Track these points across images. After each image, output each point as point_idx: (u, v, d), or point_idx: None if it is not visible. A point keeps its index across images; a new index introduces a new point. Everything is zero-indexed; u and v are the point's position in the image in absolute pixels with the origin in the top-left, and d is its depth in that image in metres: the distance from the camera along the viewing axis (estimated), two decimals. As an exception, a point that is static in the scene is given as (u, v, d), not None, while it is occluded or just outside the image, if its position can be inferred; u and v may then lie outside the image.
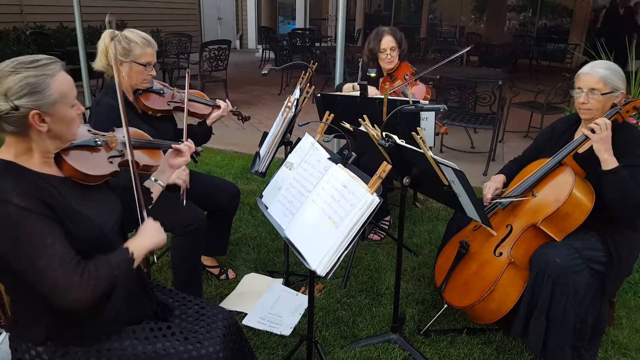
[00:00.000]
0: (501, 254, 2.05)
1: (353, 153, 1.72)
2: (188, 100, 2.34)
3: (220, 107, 2.49)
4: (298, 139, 1.96)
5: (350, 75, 6.45)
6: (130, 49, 2.13)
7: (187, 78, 2.29)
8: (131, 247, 1.34)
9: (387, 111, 2.55)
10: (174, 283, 2.31)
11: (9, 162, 1.25)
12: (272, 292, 2.56)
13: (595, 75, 1.99)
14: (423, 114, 2.61)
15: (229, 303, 2.47)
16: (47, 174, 1.31)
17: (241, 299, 2.52)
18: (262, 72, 2.71)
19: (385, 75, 3.16)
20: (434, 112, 2.65)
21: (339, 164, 1.67)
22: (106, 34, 2.16)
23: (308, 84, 2.49)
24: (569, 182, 1.96)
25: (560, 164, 2.05)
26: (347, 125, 2.10)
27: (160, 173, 1.71)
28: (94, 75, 6.87)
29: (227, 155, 4.86)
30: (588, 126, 1.95)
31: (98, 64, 2.20)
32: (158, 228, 1.47)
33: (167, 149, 1.75)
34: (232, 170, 4.42)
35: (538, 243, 2.03)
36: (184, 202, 2.01)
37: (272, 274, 2.77)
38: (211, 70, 6.53)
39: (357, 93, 2.76)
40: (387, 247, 3.09)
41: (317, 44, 10.60)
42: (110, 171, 1.45)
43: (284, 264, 2.70)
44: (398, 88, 2.95)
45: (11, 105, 1.19)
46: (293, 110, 2.36)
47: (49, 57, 1.28)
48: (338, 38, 3.59)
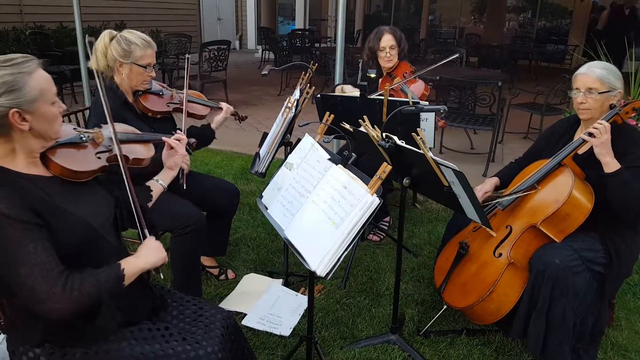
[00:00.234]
0: (501, 255, 2.05)
1: (353, 154, 1.72)
2: (187, 101, 2.35)
3: (222, 109, 2.50)
4: (298, 140, 1.96)
5: (350, 76, 6.45)
6: (130, 51, 2.12)
7: (187, 71, 2.30)
8: (124, 264, 1.32)
9: (387, 112, 2.55)
10: (173, 283, 2.31)
11: None
12: (272, 293, 2.56)
13: (592, 75, 2.00)
14: (423, 115, 2.61)
15: (229, 303, 2.47)
16: (33, 175, 1.30)
17: (241, 300, 2.52)
18: (262, 73, 2.71)
19: (384, 74, 3.16)
20: (434, 113, 2.65)
21: (339, 165, 1.68)
22: (105, 34, 2.15)
23: (308, 85, 2.49)
24: (569, 183, 1.96)
25: (559, 165, 2.05)
26: (347, 126, 2.10)
27: (162, 174, 1.72)
28: (94, 75, 6.87)
29: (227, 155, 4.86)
30: (587, 130, 1.96)
31: (95, 64, 2.17)
32: (156, 247, 1.44)
33: (158, 142, 1.74)
34: (232, 170, 4.41)
35: (538, 244, 2.03)
36: (184, 186, 2.01)
37: (272, 275, 2.77)
38: (211, 70, 6.54)
39: (357, 93, 2.76)
40: (387, 248, 3.09)
41: (317, 45, 10.60)
42: (98, 166, 1.44)
43: (284, 265, 2.69)
44: (397, 85, 2.95)
45: None
46: (293, 110, 2.36)
47: (25, 55, 1.26)
48: (338, 39, 3.59)
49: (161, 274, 1.46)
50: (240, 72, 9.95)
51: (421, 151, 1.74)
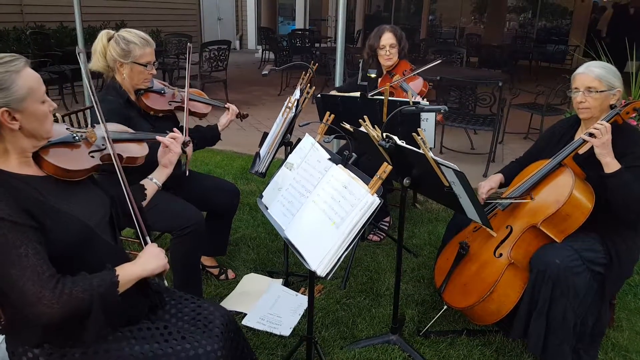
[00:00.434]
0: (501, 255, 2.05)
1: (353, 154, 1.71)
2: (189, 99, 2.35)
3: (224, 108, 2.51)
4: (298, 140, 1.96)
5: (350, 76, 6.45)
6: (129, 50, 2.12)
7: (188, 60, 2.31)
8: (119, 270, 1.30)
9: (388, 112, 2.55)
10: (173, 283, 2.31)
11: None
12: (272, 293, 2.56)
13: (590, 74, 2.01)
14: (423, 115, 2.61)
15: (229, 303, 2.47)
16: (26, 175, 1.29)
17: (241, 299, 2.52)
18: (263, 73, 2.71)
19: (384, 73, 3.16)
20: (434, 113, 2.65)
21: (339, 165, 1.67)
22: (103, 34, 2.15)
23: (308, 85, 2.49)
24: (569, 183, 1.96)
25: (560, 165, 2.05)
26: (348, 126, 2.10)
27: (156, 172, 1.71)
28: (94, 75, 6.88)
29: (227, 155, 4.86)
30: (587, 131, 1.95)
31: (95, 65, 2.18)
32: (156, 255, 1.41)
33: (153, 141, 1.74)
34: (232, 170, 4.41)
35: (538, 244, 2.02)
36: (187, 173, 2.02)
37: (272, 275, 2.77)
38: (211, 70, 6.54)
39: (357, 94, 2.76)
40: (387, 248, 3.09)
41: (317, 45, 10.60)
42: (91, 165, 1.44)
43: (284, 265, 2.69)
44: (396, 83, 2.95)
45: None
46: (293, 110, 2.36)
47: (12, 55, 1.26)
48: (338, 39, 3.59)
49: (165, 282, 1.43)
50: (240, 72, 9.95)
51: (422, 151, 1.74)
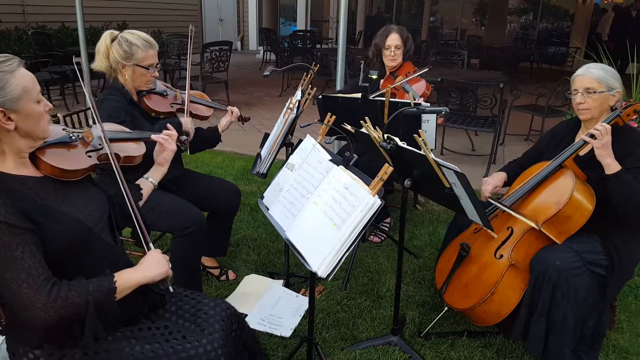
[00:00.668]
0: (502, 257, 2.05)
1: (354, 155, 1.71)
2: (190, 101, 2.36)
3: (227, 111, 2.52)
4: (299, 141, 1.96)
5: (351, 77, 6.46)
6: (132, 53, 2.13)
7: (189, 73, 2.33)
8: (117, 276, 1.29)
9: (389, 113, 2.55)
10: (174, 283, 2.31)
11: None
12: (273, 294, 2.56)
13: (589, 75, 2.01)
14: (424, 116, 2.61)
15: (229, 304, 2.47)
16: (23, 176, 1.29)
17: (241, 300, 2.52)
18: (264, 74, 2.72)
19: (387, 74, 3.16)
20: (435, 115, 2.65)
21: (341, 166, 1.67)
22: (107, 35, 2.16)
23: (309, 86, 2.49)
24: (570, 185, 1.96)
25: (561, 167, 2.05)
26: (349, 127, 2.10)
27: (152, 171, 1.72)
28: (97, 75, 6.90)
29: (228, 156, 4.86)
30: (588, 132, 1.96)
31: (98, 65, 2.20)
32: (157, 261, 1.39)
33: (147, 140, 1.74)
34: (233, 171, 4.42)
35: (539, 245, 2.02)
36: (188, 152, 2.10)
37: (273, 275, 2.77)
38: (212, 71, 6.54)
39: (358, 95, 2.76)
40: (388, 250, 3.09)
41: (318, 46, 10.61)
42: (89, 165, 1.44)
43: (285, 266, 2.69)
44: (399, 84, 2.95)
45: None
46: (295, 111, 2.36)
47: (5, 55, 1.26)
48: (339, 40, 3.59)
49: (170, 288, 1.41)
50: (241, 73, 9.96)
51: (423, 152, 1.74)
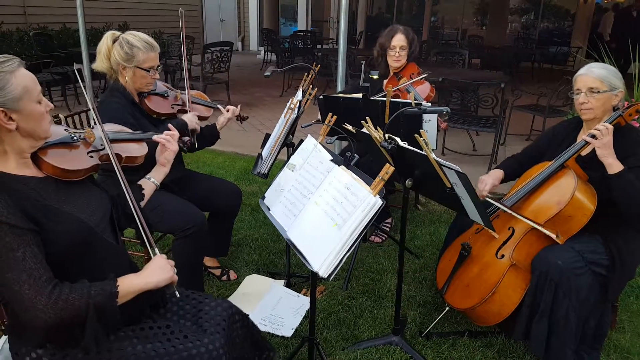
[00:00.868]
0: (503, 257, 2.05)
1: (355, 155, 1.71)
2: (191, 102, 2.37)
3: (229, 111, 2.54)
4: (300, 141, 1.96)
5: (352, 77, 6.46)
6: (133, 55, 2.13)
7: (187, 77, 2.34)
8: (120, 281, 1.29)
9: (390, 113, 2.55)
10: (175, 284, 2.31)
11: None
12: (274, 294, 2.56)
13: (592, 75, 2.01)
14: (425, 116, 2.60)
15: (231, 304, 2.47)
16: (25, 176, 1.30)
17: (243, 300, 2.52)
18: (265, 74, 2.72)
19: (391, 74, 3.15)
20: (436, 115, 2.64)
21: (342, 166, 1.67)
22: (108, 36, 2.16)
23: (310, 86, 2.49)
24: (571, 185, 1.95)
25: (562, 167, 2.05)
26: (350, 127, 2.10)
27: (154, 172, 1.72)
28: (96, 76, 6.91)
29: (229, 156, 4.87)
30: (589, 132, 1.95)
31: (99, 66, 2.20)
32: (161, 267, 1.38)
33: (149, 140, 1.74)
34: (234, 171, 4.42)
35: (540, 245, 2.02)
36: (196, 145, 2.15)
37: (274, 276, 2.77)
38: (213, 71, 6.55)
39: (359, 95, 2.76)
40: (389, 250, 3.09)
41: (319, 46, 10.61)
42: (90, 165, 1.44)
43: (286, 266, 2.69)
44: (403, 86, 2.95)
45: None
46: (296, 112, 2.36)
47: (5, 55, 1.26)
48: (340, 40, 3.59)
49: (176, 292, 1.40)
50: (242, 74, 9.96)
51: (424, 152, 1.74)
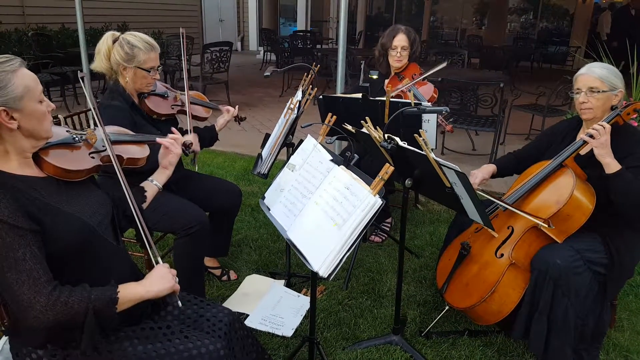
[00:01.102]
0: (502, 256, 2.05)
1: (355, 155, 1.72)
2: (190, 103, 2.38)
3: (228, 111, 2.55)
4: (300, 141, 1.97)
5: (351, 77, 6.46)
6: (133, 55, 2.13)
7: (186, 78, 2.35)
8: (121, 288, 1.30)
9: (389, 113, 2.56)
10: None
11: None
12: (274, 294, 2.57)
13: (592, 74, 2.01)
14: (425, 116, 2.61)
15: (231, 304, 2.48)
16: (27, 175, 1.30)
17: (243, 300, 2.52)
18: (265, 74, 2.73)
19: (392, 74, 3.15)
20: (436, 114, 2.65)
21: (341, 166, 1.68)
22: (108, 36, 2.16)
23: (310, 86, 2.50)
24: (570, 184, 1.96)
25: (561, 166, 2.06)
26: (349, 127, 2.10)
27: (157, 174, 1.72)
28: (96, 77, 6.90)
29: (229, 156, 4.87)
30: (587, 132, 1.96)
31: (98, 66, 2.19)
32: (163, 275, 1.38)
33: (152, 142, 1.74)
34: (234, 171, 4.42)
35: (539, 244, 2.03)
36: (196, 167, 2.12)
37: (274, 276, 2.77)
38: (212, 71, 6.55)
39: (359, 95, 2.77)
40: (389, 249, 3.10)
41: (319, 46, 10.61)
42: (92, 166, 1.44)
43: (286, 266, 2.70)
44: (406, 87, 2.95)
45: None
46: (295, 112, 2.36)
47: (7, 55, 1.27)
48: (339, 40, 3.59)
49: (179, 302, 1.39)
50: (242, 74, 9.97)
51: (423, 152, 1.74)
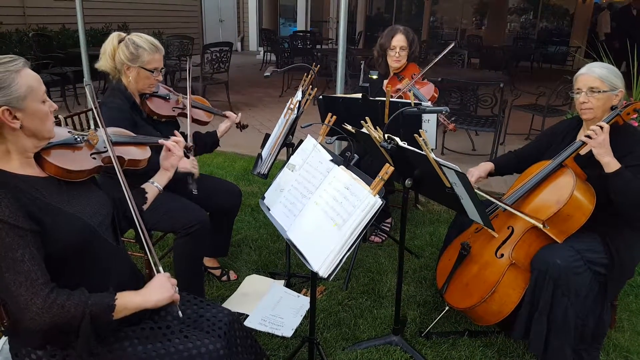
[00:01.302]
0: (502, 256, 2.05)
1: (355, 155, 1.72)
2: (192, 106, 2.39)
3: (226, 117, 2.55)
4: (300, 141, 1.97)
5: (351, 77, 6.46)
6: (138, 55, 2.15)
7: (189, 82, 2.34)
8: (119, 296, 1.29)
9: (389, 113, 2.56)
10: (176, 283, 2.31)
11: None
12: (274, 294, 2.57)
13: (592, 74, 2.01)
14: (425, 116, 2.61)
15: (231, 304, 2.47)
16: (28, 175, 1.30)
17: (243, 301, 2.52)
18: (265, 74, 2.73)
19: (392, 74, 3.16)
20: (436, 115, 2.65)
21: (341, 166, 1.68)
22: (114, 36, 2.18)
23: (310, 86, 2.50)
24: (570, 184, 1.96)
25: (561, 166, 2.06)
26: (349, 127, 2.10)
27: (158, 176, 1.72)
28: (96, 77, 6.90)
29: (229, 156, 4.87)
30: (585, 133, 1.96)
31: (103, 65, 2.21)
32: (161, 285, 1.37)
33: (155, 144, 1.74)
34: (234, 172, 4.42)
35: (539, 245, 2.03)
36: (195, 191, 2.04)
37: (274, 276, 2.77)
38: (213, 72, 6.55)
39: (359, 95, 2.77)
40: (389, 249, 3.10)
41: (318, 46, 10.62)
42: (93, 166, 1.45)
43: (286, 266, 2.70)
44: (406, 88, 2.95)
45: None
46: (295, 112, 2.36)
47: (11, 55, 1.27)
48: (339, 40, 3.59)
49: (179, 313, 1.38)
50: (242, 74, 9.97)
51: (423, 152, 1.74)
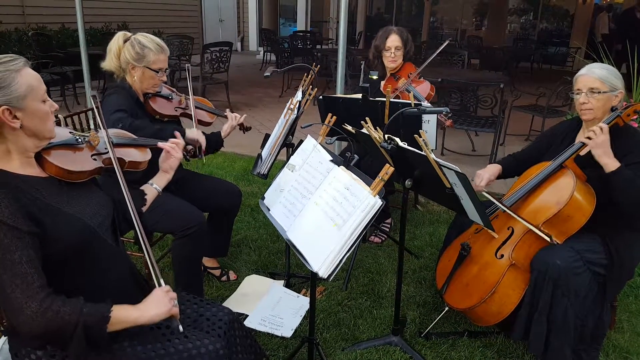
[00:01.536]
0: (502, 256, 2.05)
1: (355, 155, 1.72)
2: (195, 107, 2.40)
3: (234, 118, 2.54)
4: (300, 141, 1.97)
5: (351, 77, 6.46)
6: (143, 55, 2.16)
7: (190, 86, 2.35)
8: (115, 308, 1.26)
9: (389, 113, 2.56)
10: (175, 284, 2.31)
11: None
12: (273, 294, 2.57)
13: (592, 75, 2.01)
14: (425, 117, 2.61)
15: (230, 305, 2.47)
16: (28, 175, 1.30)
17: (242, 301, 2.52)
18: (265, 74, 2.73)
19: (388, 75, 3.16)
20: (436, 115, 2.65)
21: (341, 166, 1.68)
22: (120, 35, 2.20)
23: (310, 87, 2.50)
24: (570, 185, 1.96)
25: (561, 167, 2.06)
26: (349, 127, 2.10)
27: (157, 177, 1.72)
28: (96, 76, 6.90)
29: (229, 156, 4.86)
30: (585, 135, 1.96)
31: (108, 64, 2.23)
32: (159, 299, 1.33)
33: (154, 146, 1.74)
34: (234, 172, 4.42)
35: (539, 245, 2.03)
36: (204, 160, 2.20)
37: (273, 276, 2.77)
38: (212, 72, 6.55)
39: (359, 95, 2.77)
40: (388, 250, 3.09)
41: (318, 46, 10.62)
42: (94, 167, 1.44)
43: (285, 266, 2.70)
44: (402, 87, 2.95)
45: None
46: (295, 112, 2.36)
47: (11, 55, 1.27)
48: (339, 40, 3.59)
49: (180, 327, 1.35)
50: (242, 74, 9.97)
51: (423, 153, 1.74)
